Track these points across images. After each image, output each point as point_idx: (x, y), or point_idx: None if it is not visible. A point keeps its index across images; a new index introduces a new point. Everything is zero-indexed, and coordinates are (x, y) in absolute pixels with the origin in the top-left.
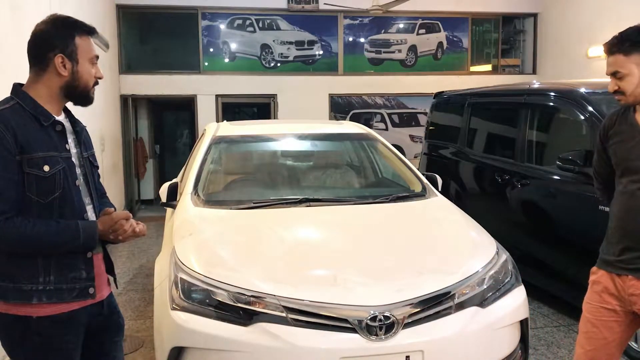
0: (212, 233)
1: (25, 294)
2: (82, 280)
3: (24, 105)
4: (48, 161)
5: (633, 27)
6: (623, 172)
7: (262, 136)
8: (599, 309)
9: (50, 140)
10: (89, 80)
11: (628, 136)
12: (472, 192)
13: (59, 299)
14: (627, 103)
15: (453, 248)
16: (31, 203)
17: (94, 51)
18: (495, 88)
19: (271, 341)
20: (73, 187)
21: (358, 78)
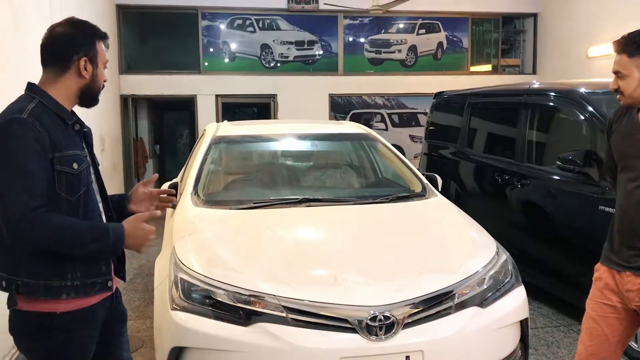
0: (212, 233)
1: (55, 290)
2: (102, 275)
3: (46, 104)
4: (76, 159)
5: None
6: (622, 168)
7: (262, 136)
8: (601, 306)
9: (73, 140)
10: (102, 84)
11: (628, 133)
12: (472, 192)
13: (84, 293)
14: (626, 104)
15: (453, 248)
16: (61, 200)
17: (106, 56)
18: (495, 88)
19: (271, 341)
20: (91, 186)
21: (358, 78)
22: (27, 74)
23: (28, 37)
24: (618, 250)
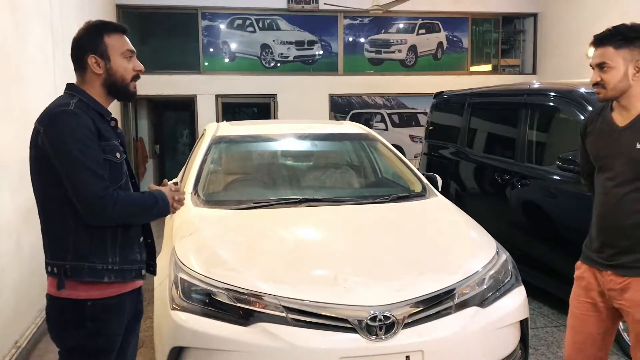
0: (212, 233)
1: (98, 272)
2: (137, 262)
3: (85, 101)
4: (119, 150)
5: (625, 23)
6: (599, 169)
7: (262, 136)
8: (584, 304)
9: (112, 133)
10: (124, 74)
11: (604, 133)
12: (472, 192)
13: (122, 278)
14: (606, 97)
15: (453, 248)
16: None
17: (125, 46)
18: (495, 88)
19: (271, 341)
20: (126, 177)
21: (358, 78)
22: (26, 73)
23: (28, 36)
24: (599, 249)
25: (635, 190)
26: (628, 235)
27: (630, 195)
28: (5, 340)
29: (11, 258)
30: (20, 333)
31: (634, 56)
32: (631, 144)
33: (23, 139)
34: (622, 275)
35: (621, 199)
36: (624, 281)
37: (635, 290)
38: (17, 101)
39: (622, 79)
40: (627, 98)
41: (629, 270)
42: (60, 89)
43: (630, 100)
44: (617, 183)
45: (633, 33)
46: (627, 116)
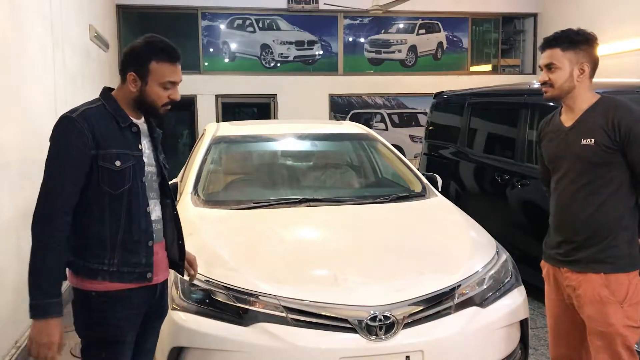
0: (212, 233)
1: (92, 272)
2: (141, 266)
3: (107, 106)
4: (120, 157)
5: (572, 28)
6: (553, 170)
7: (262, 136)
8: (555, 302)
9: (124, 140)
10: (155, 100)
11: (554, 136)
12: (472, 192)
13: (119, 279)
14: (552, 96)
15: (453, 248)
16: (104, 193)
17: (168, 77)
18: (495, 88)
19: (271, 341)
20: (140, 183)
21: (358, 78)
22: (26, 73)
23: (28, 36)
24: (556, 246)
25: (585, 185)
26: (581, 230)
27: (582, 191)
28: (5, 340)
29: (11, 258)
30: (20, 333)
31: (579, 59)
32: (576, 142)
33: (23, 138)
34: (577, 272)
35: (573, 195)
36: (579, 278)
37: (587, 286)
38: (17, 101)
39: (568, 79)
40: (572, 98)
41: (584, 266)
42: (60, 89)
43: (574, 101)
44: (568, 181)
45: (579, 37)
46: (572, 116)
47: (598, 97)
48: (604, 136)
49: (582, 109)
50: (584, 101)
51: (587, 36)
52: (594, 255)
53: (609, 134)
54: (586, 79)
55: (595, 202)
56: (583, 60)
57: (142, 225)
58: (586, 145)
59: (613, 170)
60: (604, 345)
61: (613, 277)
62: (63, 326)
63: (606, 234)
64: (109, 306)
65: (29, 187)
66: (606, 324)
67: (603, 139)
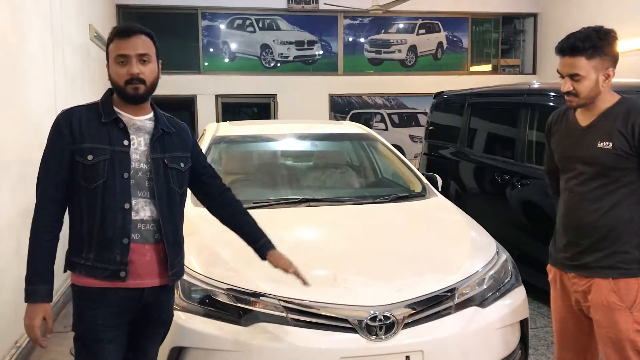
0: (212, 233)
1: (73, 265)
2: (115, 264)
3: (99, 104)
4: (94, 151)
5: (593, 29)
6: (563, 169)
7: (262, 136)
8: (561, 307)
9: (104, 135)
10: (116, 79)
11: (567, 133)
12: (472, 192)
13: (92, 275)
14: (578, 104)
15: (453, 248)
16: (80, 187)
17: (117, 51)
18: (495, 88)
19: (271, 341)
20: (119, 178)
21: (358, 78)
22: (26, 72)
23: (28, 36)
24: (563, 249)
25: (597, 188)
26: (590, 233)
27: (592, 193)
28: (5, 340)
29: (11, 258)
30: (20, 333)
31: (604, 64)
32: (593, 143)
33: (23, 138)
34: (585, 277)
35: (583, 197)
36: (587, 283)
37: (596, 291)
38: (17, 101)
39: (594, 87)
40: (594, 102)
41: (591, 270)
42: (59, 88)
43: (595, 103)
44: (579, 182)
45: (602, 41)
46: (589, 116)
47: (618, 97)
48: (622, 140)
49: (601, 110)
50: (605, 102)
51: (608, 37)
52: (603, 260)
53: (627, 138)
54: (609, 82)
55: (606, 205)
56: (608, 66)
57: (118, 222)
58: (603, 148)
59: (627, 175)
60: (614, 350)
61: (622, 282)
62: (48, 312)
63: (615, 239)
64: (85, 302)
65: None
66: (615, 330)
67: (621, 143)
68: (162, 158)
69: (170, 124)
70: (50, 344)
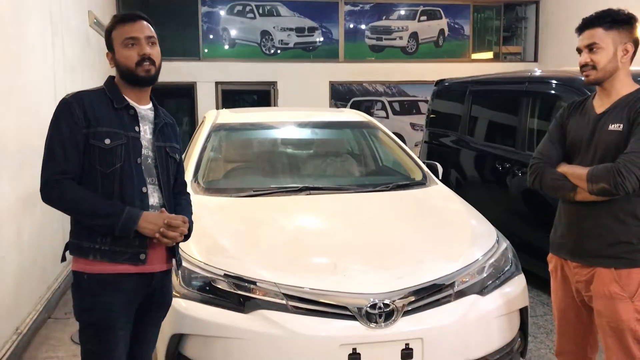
0: (213, 221)
1: (84, 250)
2: (134, 247)
3: (106, 90)
4: (111, 135)
5: (612, 8)
6: (571, 154)
7: (262, 124)
8: (562, 297)
9: (118, 120)
10: (126, 62)
11: (581, 119)
12: (473, 180)
13: (110, 259)
14: (596, 78)
15: (453, 236)
16: (96, 172)
17: (125, 34)
18: (497, 76)
19: (271, 328)
20: (134, 164)
21: (359, 65)
22: (25, 61)
23: (27, 24)
24: (565, 234)
25: None
26: (592, 218)
27: None
28: (7, 327)
29: (11, 246)
30: (21, 320)
31: (622, 38)
32: (604, 127)
33: (23, 126)
34: (587, 266)
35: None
36: (589, 272)
37: (598, 281)
38: (16, 89)
39: (612, 60)
40: (611, 82)
41: (594, 259)
42: (58, 76)
43: (613, 84)
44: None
45: (621, 16)
46: (607, 102)
47: (638, 87)
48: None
49: (620, 95)
50: (623, 86)
51: (629, 15)
52: (605, 249)
53: (630, 121)
54: (628, 61)
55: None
56: (626, 40)
57: (136, 205)
58: (613, 130)
59: None
60: (614, 340)
61: (625, 272)
62: (151, 214)
63: (618, 227)
64: (99, 290)
65: (29, 175)
66: (616, 319)
67: (630, 125)
68: (164, 147)
69: (166, 116)
70: (51, 330)
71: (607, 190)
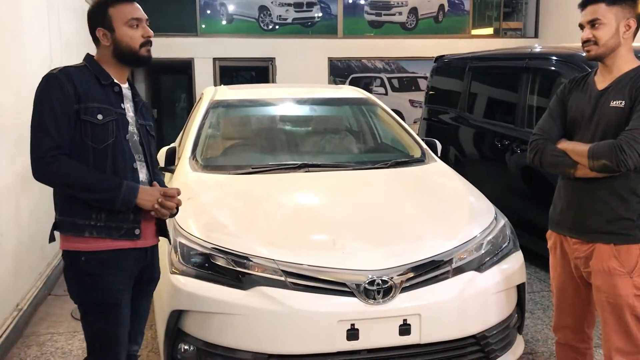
0: (211, 198)
1: (79, 227)
2: (129, 222)
3: (89, 67)
4: (102, 111)
5: None
6: (571, 131)
7: (261, 100)
8: (560, 273)
9: (106, 97)
10: (130, 42)
11: (583, 96)
12: (472, 157)
13: (107, 235)
14: (597, 54)
15: (451, 213)
16: (88, 148)
17: (130, 15)
18: (497, 52)
19: (270, 304)
20: (124, 140)
21: (358, 41)
22: (21, 38)
23: (22, 1)
24: (564, 209)
25: None
26: (592, 194)
27: None
28: (7, 303)
29: (10, 223)
30: (21, 296)
31: (625, 14)
32: (605, 104)
33: (19, 104)
34: (586, 242)
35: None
36: (589, 248)
37: (597, 257)
38: (13, 66)
39: (614, 35)
40: (613, 58)
41: (593, 235)
42: (55, 54)
43: (615, 61)
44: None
45: None
46: (609, 78)
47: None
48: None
49: (621, 71)
50: (625, 62)
51: None
52: (605, 225)
53: (632, 98)
54: (631, 36)
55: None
56: (629, 16)
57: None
58: (615, 107)
59: None
60: (612, 315)
61: (624, 248)
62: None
63: (618, 204)
64: (99, 269)
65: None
66: (615, 294)
67: (631, 102)
68: (145, 125)
69: (139, 95)
70: (51, 307)
71: (609, 167)
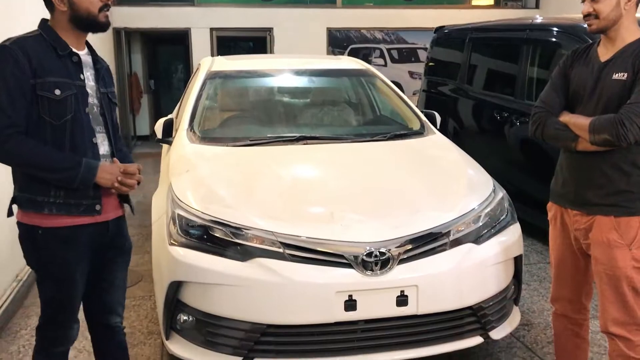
0: (209, 170)
1: (38, 204)
2: (89, 198)
3: (45, 36)
4: (60, 86)
5: None
6: (573, 103)
7: (258, 72)
8: (560, 245)
9: (64, 69)
10: (89, 7)
11: (585, 68)
12: (471, 129)
13: (66, 212)
14: (598, 28)
15: (450, 186)
16: (45, 124)
17: None
18: (497, 23)
19: (268, 276)
20: (83, 114)
21: (357, 11)
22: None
23: None
24: (565, 182)
25: None
26: (593, 167)
27: None
28: (7, 275)
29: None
30: (20, 267)
31: None
32: (608, 76)
33: None
34: (587, 214)
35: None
36: (589, 220)
37: (597, 228)
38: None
39: (615, 8)
40: (616, 30)
41: (594, 207)
42: None
43: (618, 32)
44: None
45: None
46: (612, 50)
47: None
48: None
49: (625, 42)
50: (629, 33)
51: None
52: (606, 197)
53: (635, 70)
54: (633, 7)
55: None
56: None
57: (88, 156)
58: (617, 79)
59: None
60: (610, 287)
61: (624, 220)
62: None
63: (619, 176)
64: (55, 245)
65: None
66: (613, 266)
67: (634, 75)
68: (106, 93)
69: (100, 60)
70: None
71: (610, 141)
